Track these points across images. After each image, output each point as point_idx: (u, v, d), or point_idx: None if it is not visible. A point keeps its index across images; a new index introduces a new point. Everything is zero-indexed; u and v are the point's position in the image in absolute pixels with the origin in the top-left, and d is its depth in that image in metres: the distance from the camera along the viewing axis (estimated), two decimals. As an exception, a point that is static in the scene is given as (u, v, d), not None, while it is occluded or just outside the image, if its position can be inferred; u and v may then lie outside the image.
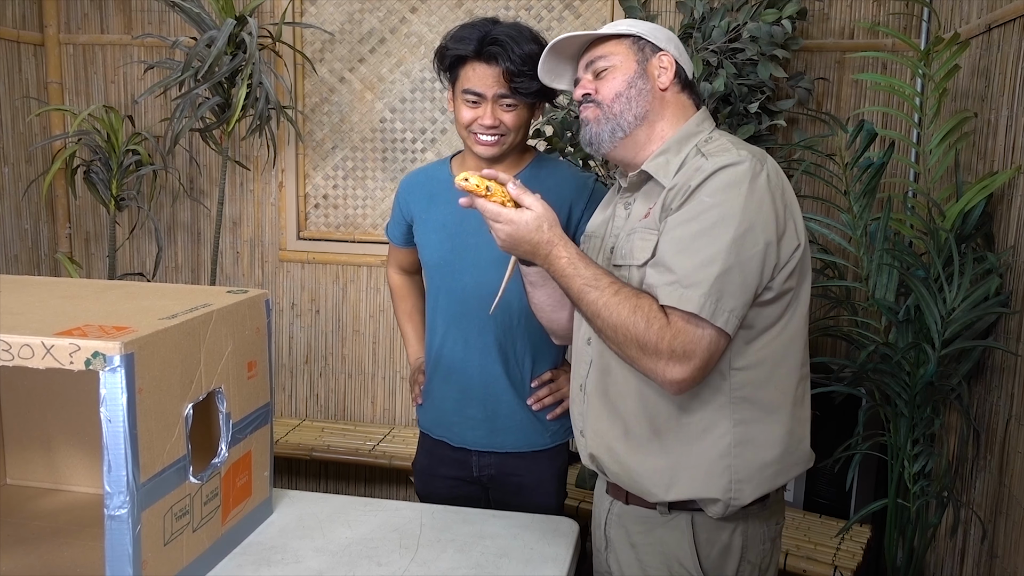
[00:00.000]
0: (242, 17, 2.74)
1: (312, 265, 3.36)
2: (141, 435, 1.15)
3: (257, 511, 1.52)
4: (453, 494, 1.96)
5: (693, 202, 1.28)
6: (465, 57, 1.75)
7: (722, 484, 1.33)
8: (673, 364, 1.24)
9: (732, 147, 1.32)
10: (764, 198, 1.27)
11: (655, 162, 1.39)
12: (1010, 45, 2.10)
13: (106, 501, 1.13)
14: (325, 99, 3.26)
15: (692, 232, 1.26)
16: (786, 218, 1.30)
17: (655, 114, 1.42)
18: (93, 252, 3.50)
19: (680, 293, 1.23)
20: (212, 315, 1.32)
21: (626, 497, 1.44)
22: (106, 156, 3.02)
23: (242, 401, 1.42)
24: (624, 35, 1.44)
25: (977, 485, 2.17)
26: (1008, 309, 2.01)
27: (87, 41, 3.35)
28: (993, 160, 2.19)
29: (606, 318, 1.27)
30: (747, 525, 1.39)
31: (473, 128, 1.78)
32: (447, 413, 1.94)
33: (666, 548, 1.40)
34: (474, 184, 1.33)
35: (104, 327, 1.17)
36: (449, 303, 1.90)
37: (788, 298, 1.33)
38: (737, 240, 1.24)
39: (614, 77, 1.42)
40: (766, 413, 1.34)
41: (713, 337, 1.24)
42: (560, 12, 3.04)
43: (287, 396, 3.46)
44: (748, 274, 1.25)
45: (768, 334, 1.32)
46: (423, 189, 1.96)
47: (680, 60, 1.45)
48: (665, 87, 1.42)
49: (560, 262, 1.32)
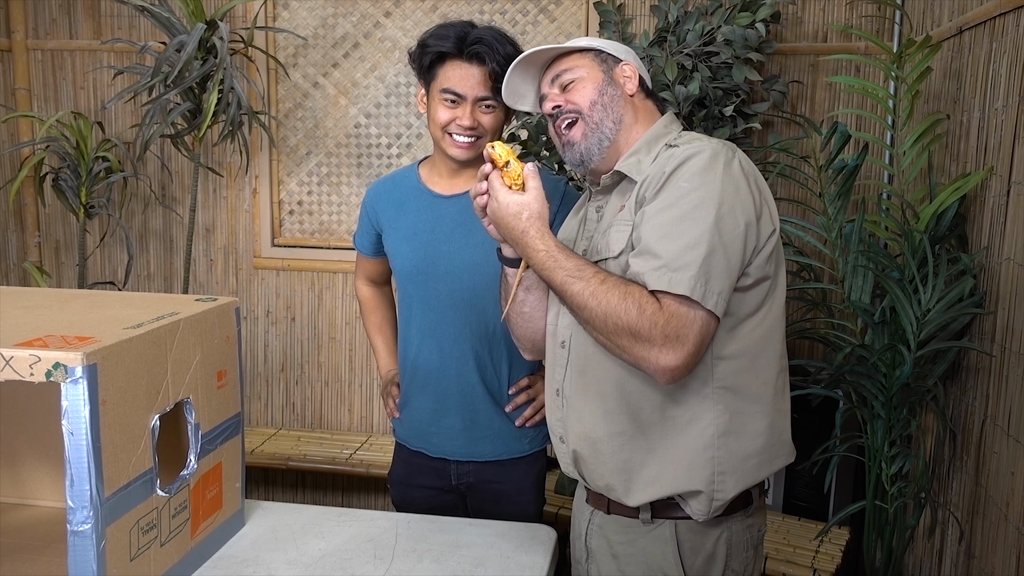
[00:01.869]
0: (212, 21, 2.71)
1: (287, 272, 3.32)
2: (105, 448, 1.12)
3: (228, 523, 1.49)
4: (431, 503, 1.93)
5: (670, 188, 1.28)
6: (446, 55, 1.73)
7: (705, 476, 1.32)
8: (667, 350, 1.22)
9: (704, 137, 1.36)
10: (739, 181, 1.29)
11: (627, 162, 1.40)
12: (981, 47, 2.11)
13: (69, 516, 1.10)
14: (299, 104, 3.23)
15: (673, 217, 1.26)
16: (761, 202, 1.31)
17: (629, 118, 1.44)
18: (63, 261, 3.44)
19: (669, 277, 1.22)
20: (179, 324, 1.29)
21: (607, 506, 1.42)
22: (75, 163, 2.97)
23: (211, 411, 1.39)
24: (585, 49, 1.46)
25: (954, 486, 2.18)
26: (982, 309, 2.02)
27: (55, 47, 3.30)
28: (966, 162, 2.20)
29: (594, 308, 1.26)
30: (730, 533, 1.38)
31: (450, 128, 1.75)
32: (424, 423, 1.92)
33: (649, 559, 1.38)
34: (498, 153, 1.34)
35: (66, 337, 1.14)
36: (424, 312, 1.87)
37: (767, 286, 1.33)
38: (718, 221, 1.24)
39: (584, 86, 1.43)
40: (748, 403, 1.33)
41: (704, 319, 1.23)
42: (535, 16, 3.03)
43: (263, 405, 3.42)
44: (731, 255, 1.25)
45: (749, 322, 1.32)
46: (391, 197, 1.92)
47: (640, 71, 1.48)
48: (632, 93, 1.45)
49: (538, 255, 1.32)
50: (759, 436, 1.34)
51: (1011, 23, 1.94)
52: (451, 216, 1.82)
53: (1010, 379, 1.85)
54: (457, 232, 1.81)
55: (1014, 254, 1.87)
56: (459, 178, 1.84)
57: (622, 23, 2.87)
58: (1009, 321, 1.88)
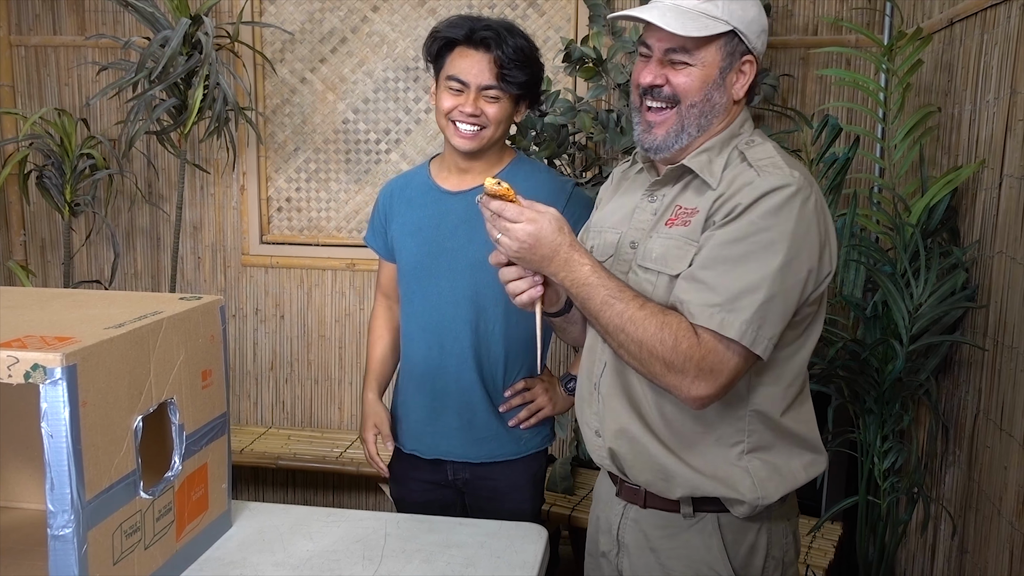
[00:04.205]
0: (197, 16, 2.68)
1: (276, 270, 3.30)
2: (86, 450, 1.09)
3: (215, 525, 1.47)
4: (427, 498, 1.92)
5: (743, 221, 1.22)
6: (454, 42, 1.73)
7: (746, 485, 1.31)
8: (699, 382, 1.21)
9: (783, 163, 1.25)
10: (811, 224, 1.23)
11: (698, 159, 1.31)
12: (972, 39, 2.10)
13: (49, 520, 1.08)
14: (286, 100, 3.20)
15: (740, 253, 1.21)
16: (825, 243, 1.26)
17: (717, 121, 1.33)
18: (49, 260, 3.40)
19: (721, 318, 1.19)
20: (162, 323, 1.27)
21: (644, 500, 1.40)
22: (59, 161, 2.94)
23: (196, 412, 1.37)
24: (720, 33, 1.27)
25: (947, 480, 2.17)
26: (975, 303, 2.01)
27: (39, 42, 3.26)
28: (957, 154, 2.19)
29: (631, 332, 1.22)
30: (770, 522, 1.37)
31: (453, 115, 1.73)
32: (420, 423, 1.89)
33: (692, 552, 1.37)
34: (505, 188, 1.26)
35: (46, 338, 1.11)
36: (425, 308, 1.84)
37: (809, 319, 1.31)
38: (784, 267, 1.20)
39: (692, 79, 1.29)
40: (782, 417, 1.32)
41: (742, 357, 1.21)
42: (524, 10, 3.01)
43: (252, 404, 3.39)
44: (788, 302, 1.22)
45: (787, 350, 1.30)
46: (403, 194, 1.90)
47: (760, 56, 1.32)
48: (739, 99, 1.33)
49: (583, 268, 1.25)
50: (794, 445, 1.34)
51: (1002, 15, 1.93)
52: (457, 212, 1.80)
53: (1003, 373, 1.85)
54: (462, 228, 1.79)
55: (1006, 247, 1.86)
56: (467, 174, 1.82)
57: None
58: (1001, 315, 1.88)
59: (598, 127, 2.69)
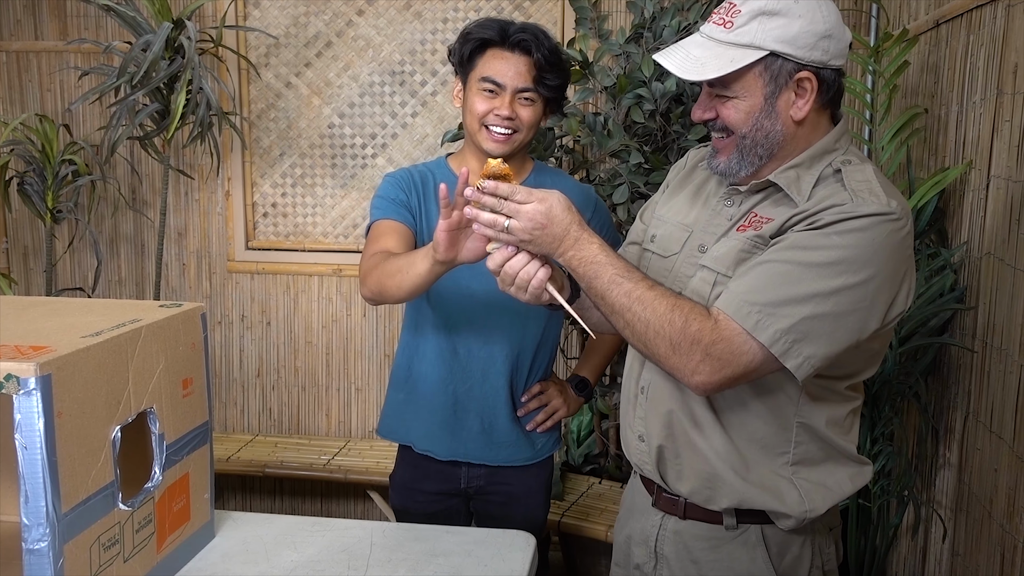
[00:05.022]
0: (180, 21, 2.65)
1: (262, 276, 3.27)
2: (62, 462, 1.07)
3: (197, 536, 1.44)
4: (433, 508, 1.89)
5: (818, 233, 1.15)
6: (488, 43, 1.69)
7: (793, 499, 1.29)
8: (704, 366, 1.17)
9: (881, 191, 1.17)
10: (894, 256, 1.16)
11: (785, 175, 1.24)
12: (958, 40, 2.10)
13: (24, 534, 1.05)
14: (271, 105, 3.18)
15: (802, 261, 1.15)
16: (903, 281, 1.20)
17: (787, 148, 1.25)
18: (32, 267, 3.37)
19: (758, 319, 1.15)
20: (141, 331, 1.25)
21: (684, 511, 1.37)
22: (41, 167, 2.90)
23: (177, 421, 1.35)
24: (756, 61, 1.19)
25: (937, 483, 2.16)
26: (963, 305, 2.01)
27: (20, 48, 3.23)
28: (944, 156, 2.19)
29: (638, 312, 1.19)
30: (815, 534, 1.36)
31: (487, 120, 1.70)
32: (438, 425, 1.85)
33: (737, 564, 1.34)
34: (507, 167, 1.24)
35: (20, 347, 1.09)
36: (453, 309, 1.80)
37: (866, 356, 1.28)
38: (846, 290, 1.14)
39: (737, 109, 1.23)
40: (829, 433, 1.30)
41: (762, 361, 1.17)
42: (510, 13, 3.00)
43: (239, 411, 3.36)
44: (842, 328, 1.15)
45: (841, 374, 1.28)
46: (425, 187, 1.81)
47: (831, 62, 1.20)
48: (801, 119, 1.23)
49: (592, 247, 1.21)
50: (840, 457, 1.32)
51: (988, 16, 1.93)
52: None
53: (992, 375, 1.84)
54: None
55: (994, 248, 1.85)
56: None
57: (598, 19, 2.84)
58: (990, 317, 1.87)
59: (585, 130, 2.68)
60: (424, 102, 3.11)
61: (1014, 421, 1.70)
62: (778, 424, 1.29)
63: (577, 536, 2.67)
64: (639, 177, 2.56)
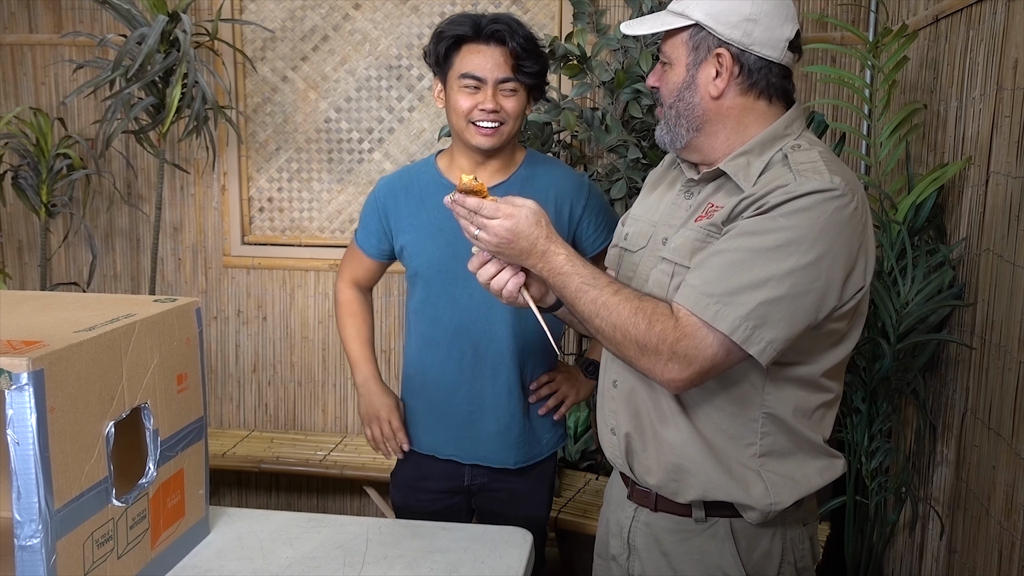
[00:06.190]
0: (175, 14, 2.64)
1: (258, 271, 3.26)
2: (55, 458, 1.06)
3: (192, 532, 1.43)
4: (436, 507, 1.88)
5: (765, 218, 1.17)
6: (463, 39, 1.69)
7: (758, 491, 1.29)
8: (672, 364, 1.18)
9: (824, 168, 1.19)
10: (843, 232, 1.17)
11: (734, 163, 1.27)
12: (957, 36, 2.09)
13: (16, 531, 1.04)
14: (267, 99, 3.16)
15: (753, 247, 1.16)
16: (858, 257, 1.20)
17: (713, 125, 1.29)
18: (27, 262, 3.35)
19: (716, 310, 1.16)
20: (135, 326, 1.24)
21: (655, 503, 1.38)
22: (35, 161, 2.88)
23: (171, 416, 1.34)
24: (681, 28, 1.27)
25: (935, 480, 2.16)
26: (962, 301, 2.00)
27: (15, 41, 3.21)
28: (943, 152, 2.18)
29: (605, 317, 1.21)
30: (785, 527, 1.35)
31: (473, 116, 1.69)
32: (451, 428, 1.85)
33: (705, 557, 1.34)
34: (480, 184, 1.25)
35: (12, 342, 1.08)
36: (454, 312, 1.79)
37: (835, 339, 1.26)
38: (800, 270, 1.15)
39: (666, 80, 1.31)
40: (797, 424, 1.29)
41: (727, 351, 1.17)
42: (508, 7, 2.98)
43: (235, 406, 3.35)
44: (800, 309, 1.16)
45: (807, 359, 1.27)
46: (409, 193, 1.83)
47: (753, 47, 1.24)
48: (717, 95, 1.27)
49: (558, 258, 1.24)
50: (810, 450, 1.32)
51: (987, 11, 1.92)
52: None
53: (990, 372, 1.83)
54: None
55: (993, 244, 1.85)
56: (483, 170, 1.77)
57: (596, 14, 2.83)
58: (989, 313, 1.86)
59: (582, 125, 2.67)
60: (421, 96, 3.09)
61: (1012, 418, 1.70)
62: (744, 414, 1.29)
63: (574, 532, 2.66)
64: (637, 172, 2.55)
